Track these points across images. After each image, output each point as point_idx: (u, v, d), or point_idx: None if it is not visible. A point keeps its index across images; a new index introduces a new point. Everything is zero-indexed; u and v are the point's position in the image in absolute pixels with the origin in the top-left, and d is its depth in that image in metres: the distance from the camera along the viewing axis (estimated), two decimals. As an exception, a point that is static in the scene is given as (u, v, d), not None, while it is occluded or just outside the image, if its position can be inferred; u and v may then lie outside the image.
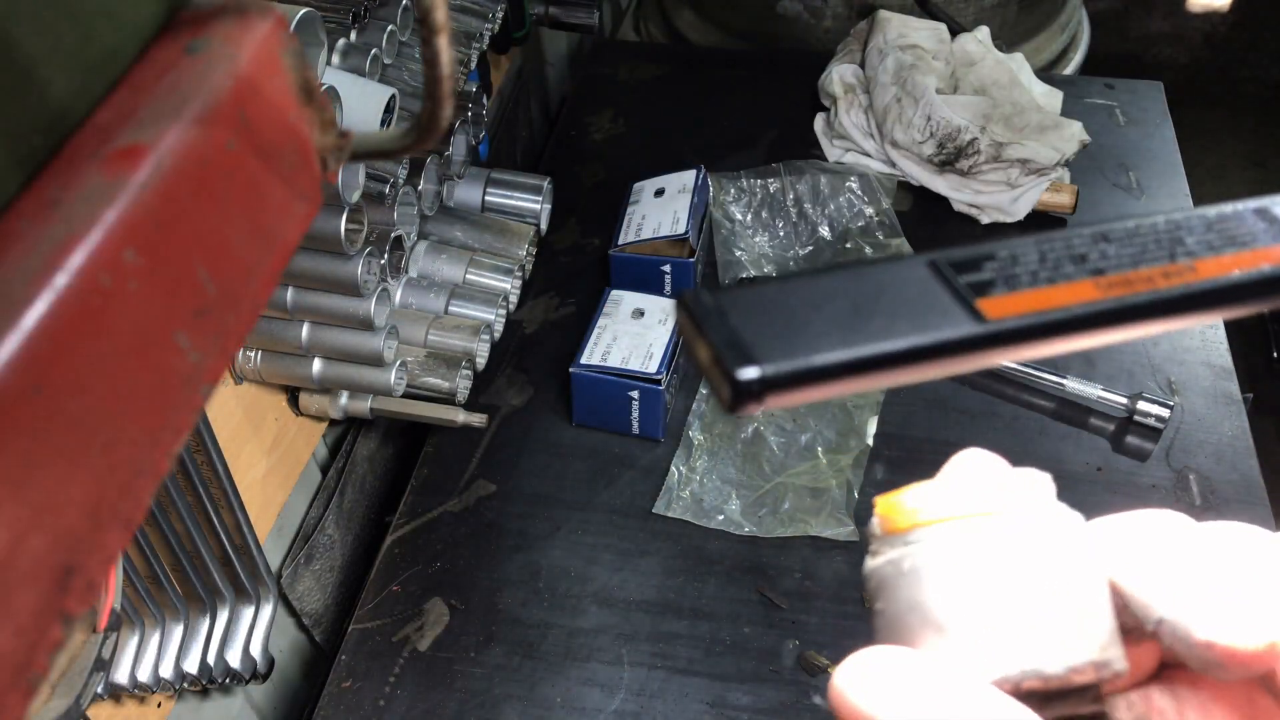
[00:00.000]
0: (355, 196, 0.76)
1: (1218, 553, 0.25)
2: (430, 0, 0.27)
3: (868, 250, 1.22)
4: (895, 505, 0.27)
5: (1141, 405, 1.05)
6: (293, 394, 0.98)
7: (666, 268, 1.14)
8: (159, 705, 0.84)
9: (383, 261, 0.83)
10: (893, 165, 1.30)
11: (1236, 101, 2.92)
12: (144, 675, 0.75)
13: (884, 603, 0.27)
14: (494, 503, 1.03)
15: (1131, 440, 1.06)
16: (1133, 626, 0.26)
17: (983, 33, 1.35)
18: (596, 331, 1.06)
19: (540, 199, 1.10)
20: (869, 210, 1.26)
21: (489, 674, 0.91)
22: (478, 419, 0.99)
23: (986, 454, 0.28)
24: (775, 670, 0.90)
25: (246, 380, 0.92)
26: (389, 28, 0.81)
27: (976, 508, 0.26)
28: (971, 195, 1.27)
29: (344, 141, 0.32)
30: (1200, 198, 1.40)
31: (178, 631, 0.78)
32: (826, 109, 1.39)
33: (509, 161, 1.52)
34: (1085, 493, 1.01)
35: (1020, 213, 1.27)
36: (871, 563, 0.27)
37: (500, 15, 1.00)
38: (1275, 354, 2.04)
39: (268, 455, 0.96)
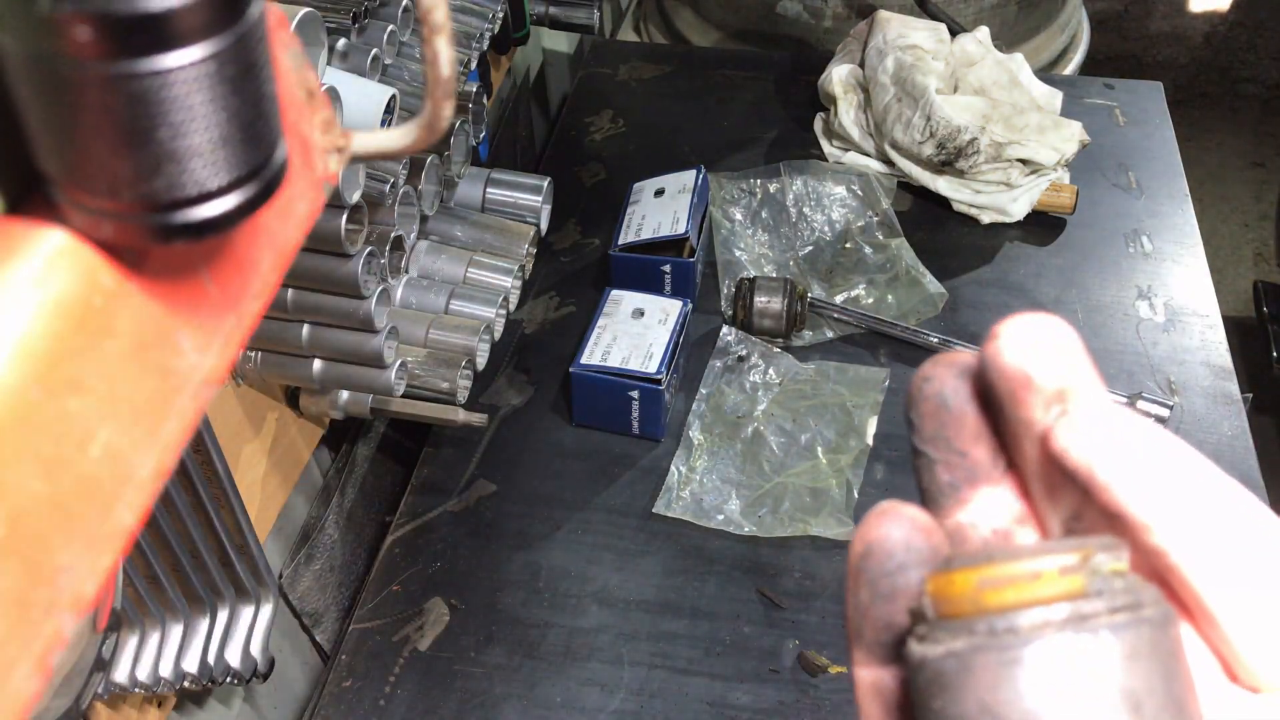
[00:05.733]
0: (355, 197, 0.76)
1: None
2: (430, 0, 0.27)
3: (867, 250, 1.22)
4: (956, 583, 0.23)
5: (1141, 405, 1.05)
6: (293, 394, 0.98)
7: (666, 268, 1.14)
8: (159, 705, 0.84)
9: (383, 262, 0.83)
10: (892, 165, 1.30)
11: (1236, 101, 2.92)
12: (144, 675, 0.75)
13: (943, 701, 0.22)
14: (494, 503, 1.03)
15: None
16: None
17: (983, 33, 1.35)
18: (596, 331, 1.06)
19: (540, 199, 1.10)
20: (869, 210, 1.26)
21: (489, 674, 0.91)
22: (478, 419, 0.99)
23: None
24: (775, 670, 0.90)
25: (246, 380, 0.92)
26: (389, 28, 0.81)
27: (1057, 590, 0.22)
28: (971, 195, 1.27)
29: (344, 142, 0.32)
30: (1200, 198, 1.40)
31: (178, 631, 0.78)
32: (826, 109, 1.39)
33: (509, 161, 1.52)
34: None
35: (1020, 213, 1.27)
36: (923, 650, 0.23)
37: (500, 15, 1.00)
38: (1275, 354, 2.04)
39: (268, 455, 0.96)
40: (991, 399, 0.26)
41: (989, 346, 0.25)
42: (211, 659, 0.80)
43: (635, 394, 1.03)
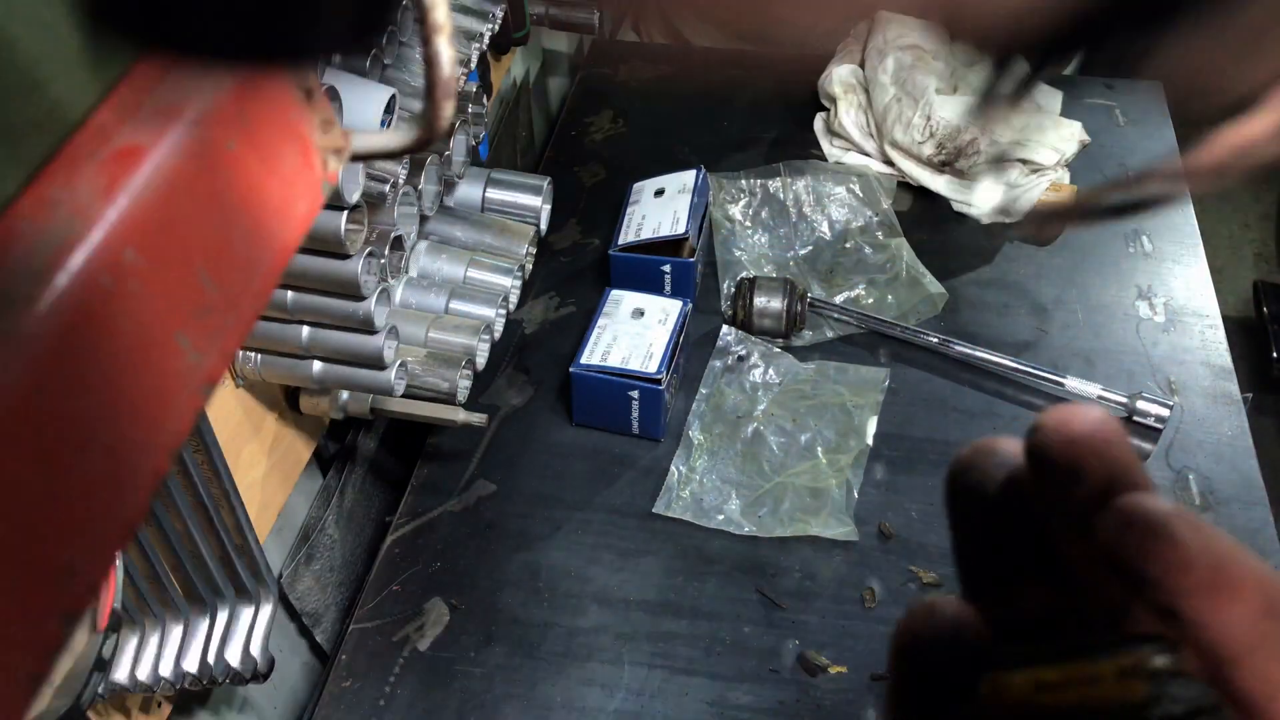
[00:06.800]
0: (355, 197, 0.76)
1: None
2: (430, 0, 0.27)
3: (867, 250, 1.22)
4: (1012, 684, 0.23)
5: (1141, 405, 1.05)
6: (293, 394, 0.98)
7: (666, 268, 1.14)
8: (159, 705, 0.84)
9: (383, 262, 0.83)
10: (892, 165, 1.30)
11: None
12: (144, 675, 0.75)
13: None
14: (494, 503, 1.03)
15: (1131, 440, 1.06)
16: None
17: (983, 33, 1.35)
18: (596, 331, 1.06)
19: (540, 199, 1.10)
20: (869, 210, 1.26)
21: (489, 674, 0.91)
22: (478, 419, 0.99)
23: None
24: (775, 670, 0.90)
25: (246, 380, 0.92)
26: (389, 28, 0.81)
27: (1116, 694, 0.21)
28: (971, 195, 1.27)
29: (344, 142, 0.32)
30: (1200, 198, 1.40)
31: (178, 631, 0.78)
32: (826, 109, 1.39)
33: (509, 161, 1.52)
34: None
35: (1020, 213, 1.27)
36: None
37: (500, 15, 1.00)
38: (1275, 354, 2.04)
39: (268, 455, 0.96)
40: (1035, 490, 0.26)
41: (1035, 438, 0.25)
42: (211, 659, 0.80)
43: (635, 394, 1.03)
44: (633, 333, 1.05)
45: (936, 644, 0.25)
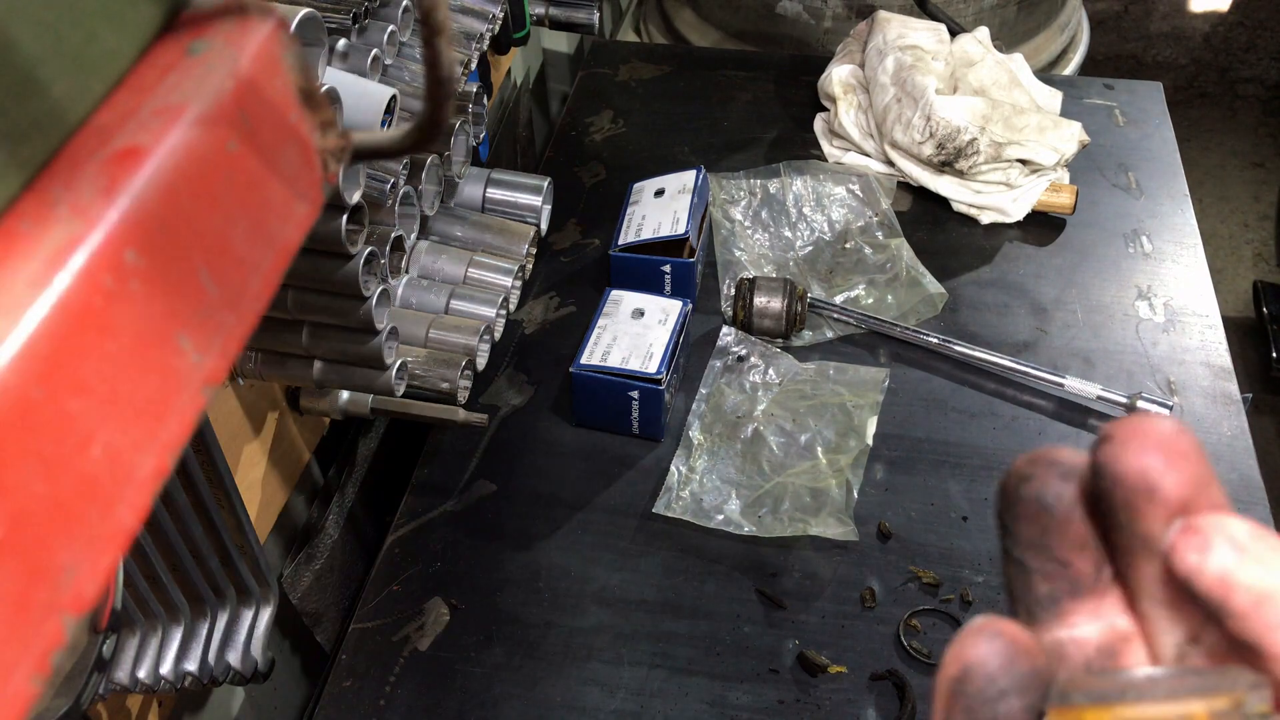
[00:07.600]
0: (356, 197, 0.76)
1: None
2: (431, 1, 0.27)
3: (867, 250, 1.22)
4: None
5: (1141, 405, 1.05)
6: (293, 394, 0.98)
7: (666, 268, 1.14)
8: (159, 705, 0.84)
9: (383, 262, 0.83)
10: (892, 165, 1.30)
11: (1236, 101, 2.92)
12: (145, 675, 0.75)
13: None
14: (494, 503, 1.03)
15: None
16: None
17: (982, 33, 1.35)
18: (596, 331, 1.06)
19: (540, 199, 1.10)
20: (869, 210, 1.26)
21: (489, 674, 0.91)
22: (478, 419, 0.99)
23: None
24: (775, 670, 0.90)
25: (247, 380, 0.92)
26: (390, 28, 0.81)
27: None
28: (971, 195, 1.27)
29: (344, 142, 0.32)
30: (1200, 198, 1.40)
31: (178, 631, 0.78)
32: (826, 109, 1.39)
33: (509, 161, 1.52)
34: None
35: (1019, 213, 1.27)
36: None
37: (500, 16, 1.00)
38: (1275, 354, 2.05)
39: (268, 455, 0.96)
40: (1102, 505, 0.24)
41: (1104, 449, 0.23)
42: (212, 659, 0.80)
43: (635, 394, 1.03)
44: (633, 333, 1.05)
45: (993, 672, 0.23)
